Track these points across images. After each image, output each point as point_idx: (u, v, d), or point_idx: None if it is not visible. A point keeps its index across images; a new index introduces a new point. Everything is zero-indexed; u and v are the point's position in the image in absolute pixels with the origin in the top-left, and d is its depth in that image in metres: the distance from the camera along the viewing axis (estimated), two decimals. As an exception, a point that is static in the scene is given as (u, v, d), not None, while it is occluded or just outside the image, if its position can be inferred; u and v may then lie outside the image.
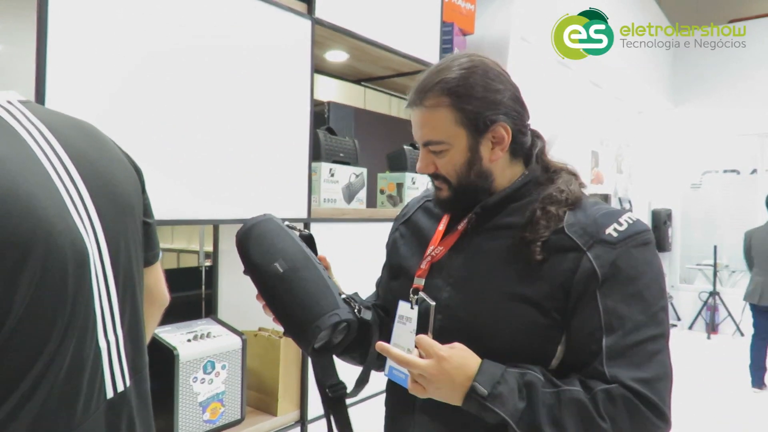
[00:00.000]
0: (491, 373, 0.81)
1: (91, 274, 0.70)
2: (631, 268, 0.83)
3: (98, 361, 0.71)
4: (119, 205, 0.78)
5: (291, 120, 1.73)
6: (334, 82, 2.69)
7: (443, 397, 0.83)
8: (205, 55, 1.47)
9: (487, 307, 0.89)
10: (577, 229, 0.86)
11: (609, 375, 0.79)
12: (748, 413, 3.76)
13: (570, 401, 0.79)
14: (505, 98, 0.91)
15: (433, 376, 0.81)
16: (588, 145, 4.97)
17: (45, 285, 0.63)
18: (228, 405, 1.56)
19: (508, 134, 0.91)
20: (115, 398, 0.74)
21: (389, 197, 2.28)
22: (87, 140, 0.79)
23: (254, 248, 0.96)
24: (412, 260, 1.02)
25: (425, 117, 0.92)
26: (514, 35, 3.18)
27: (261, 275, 0.95)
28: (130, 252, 0.80)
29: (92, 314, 0.70)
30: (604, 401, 0.78)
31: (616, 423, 0.77)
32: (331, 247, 1.86)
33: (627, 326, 0.81)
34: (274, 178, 1.68)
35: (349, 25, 1.91)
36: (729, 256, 6.47)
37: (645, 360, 0.80)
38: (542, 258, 0.85)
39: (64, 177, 0.70)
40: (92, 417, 0.69)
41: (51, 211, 0.65)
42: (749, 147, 6.28)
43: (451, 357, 0.81)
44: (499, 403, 0.79)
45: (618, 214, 0.88)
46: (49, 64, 1.14)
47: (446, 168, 0.93)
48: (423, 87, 0.92)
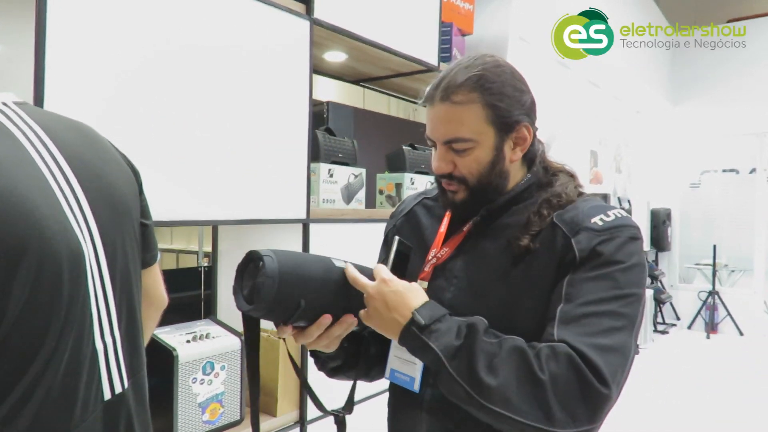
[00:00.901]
0: (433, 309, 0.81)
1: (87, 276, 0.70)
2: (610, 255, 0.81)
3: (95, 363, 0.71)
4: (116, 207, 0.78)
5: (290, 120, 1.73)
6: (333, 83, 2.69)
7: (380, 324, 0.83)
8: (204, 57, 1.47)
9: (491, 305, 0.90)
10: (566, 219, 0.87)
11: (557, 337, 0.76)
12: (747, 413, 3.76)
13: (511, 350, 0.76)
14: (528, 100, 0.92)
15: (371, 296, 0.82)
16: (587, 144, 4.97)
17: (40, 287, 0.63)
18: (227, 406, 1.56)
19: (530, 135, 0.92)
20: (113, 400, 0.74)
21: (388, 197, 2.28)
22: (83, 142, 0.79)
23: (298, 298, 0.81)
24: (413, 260, 1.02)
25: (452, 113, 0.89)
26: (513, 35, 3.18)
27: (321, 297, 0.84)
28: (127, 254, 0.80)
29: (89, 316, 0.70)
30: (547, 356, 0.74)
31: (557, 379, 0.72)
32: (329, 247, 1.87)
33: (587, 298, 0.78)
34: (273, 179, 1.68)
35: (347, 25, 1.91)
36: (728, 256, 6.47)
37: (599, 331, 0.76)
38: (527, 245, 0.87)
39: (60, 179, 0.70)
40: (90, 419, 0.70)
41: (46, 213, 0.65)
42: (748, 146, 6.28)
43: (392, 281, 0.83)
44: (434, 337, 0.78)
45: (607, 209, 0.88)
46: (48, 65, 1.14)
47: (469, 167, 0.91)
48: (450, 83, 0.89)
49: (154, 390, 0.94)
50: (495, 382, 0.73)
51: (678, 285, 6.53)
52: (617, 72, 4.77)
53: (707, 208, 6.76)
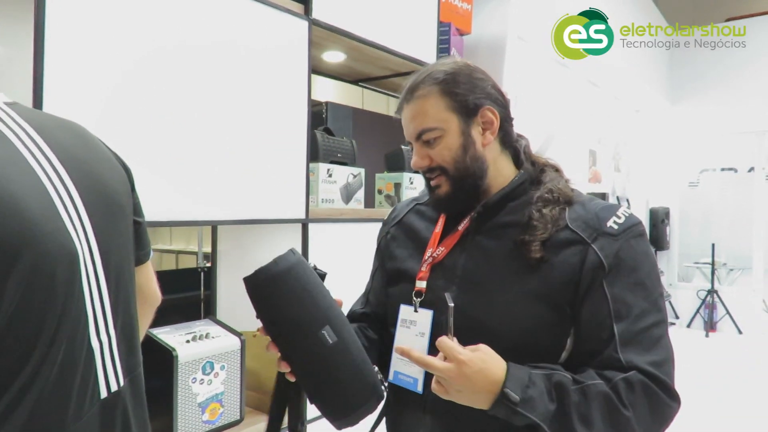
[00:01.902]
0: (519, 378, 0.80)
1: (81, 275, 0.70)
2: (632, 259, 0.87)
3: (91, 361, 0.71)
4: (109, 205, 0.78)
5: (288, 120, 1.73)
6: (332, 83, 2.69)
7: (466, 401, 0.82)
8: (203, 57, 1.47)
9: (497, 305, 0.90)
10: (580, 223, 0.90)
11: (624, 361, 0.82)
12: (746, 411, 3.77)
13: (596, 396, 0.80)
14: (488, 86, 0.97)
15: (453, 380, 0.80)
16: (586, 143, 4.97)
17: (34, 287, 0.63)
18: (227, 405, 1.56)
19: (496, 117, 0.96)
20: (109, 398, 0.74)
21: (387, 197, 2.28)
22: (75, 140, 0.79)
23: (292, 304, 0.84)
24: (410, 263, 1.02)
25: (416, 108, 0.96)
26: (511, 35, 3.18)
27: (298, 338, 0.85)
28: (122, 251, 0.80)
29: (84, 315, 0.70)
30: (625, 390, 0.80)
31: (637, 409, 0.80)
32: (329, 247, 1.87)
33: (634, 313, 0.85)
34: (272, 179, 1.68)
35: (346, 25, 1.91)
36: (727, 254, 6.48)
37: (653, 344, 0.84)
38: (541, 256, 0.88)
39: (53, 178, 0.70)
40: (86, 417, 0.70)
41: (40, 213, 0.65)
42: (747, 145, 6.28)
43: (471, 361, 0.80)
44: (530, 407, 0.78)
45: (615, 208, 0.92)
46: (46, 65, 1.14)
47: (442, 155, 0.95)
48: (412, 86, 0.98)
49: (154, 390, 0.94)
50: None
51: (677, 284, 6.54)
52: (616, 71, 4.77)
53: (706, 207, 6.77)
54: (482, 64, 1.02)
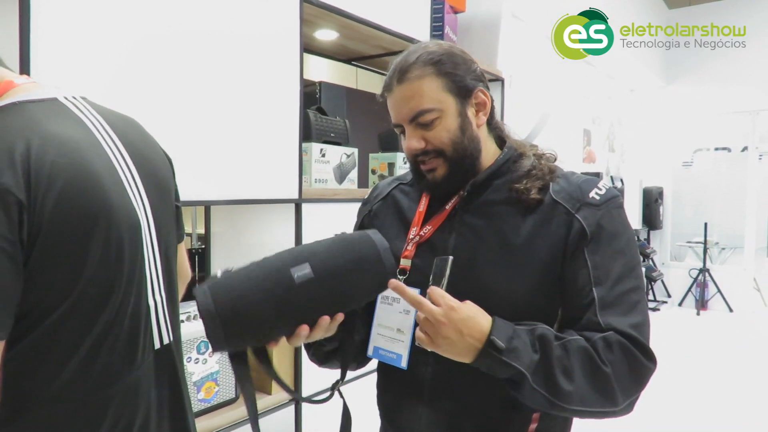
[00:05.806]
0: (504, 329, 0.83)
1: (143, 242, 0.83)
2: (612, 228, 0.91)
3: (149, 316, 0.85)
4: (161, 188, 0.91)
5: (281, 100, 1.72)
6: (326, 62, 2.67)
7: (450, 350, 0.83)
8: (194, 37, 1.45)
9: (490, 281, 0.91)
10: (564, 195, 0.93)
11: (603, 323, 0.85)
12: (737, 389, 3.83)
13: (576, 350, 0.83)
14: (477, 68, 0.98)
15: (440, 323, 0.81)
16: (580, 123, 4.96)
17: (108, 249, 0.76)
18: (222, 384, 1.57)
19: (488, 99, 0.97)
20: (161, 349, 0.87)
21: (381, 177, 2.28)
22: (133, 131, 0.92)
23: (255, 308, 0.82)
24: (396, 242, 1.01)
25: (411, 89, 0.93)
26: (506, 12, 3.15)
27: (292, 308, 0.83)
28: (169, 228, 0.93)
29: (144, 276, 0.84)
30: (604, 348, 0.83)
31: (616, 366, 0.83)
32: (322, 227, 1.87)
33: (613, 278, 0.88)
34: (265, 159, 1.67)
35: (337, 2, 1.89)
36: (719, 234, 6.53)
37: (631, 308, 0.87)
38: (540, 198, 0.92)
39: (120, 161, 0.83)
40: (146, 362, 0.83)
41: (113, 188, 0.79)
42: (740, 125, 6.29)
43: (460, 308, 0.82)
44: (515, 356, 0.81)
45: (596, 181, 0.95)
46: (32, 50, 1.12)
47: (440, 137, 0.93)
48: (402, 66, 0.94)
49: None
50: (572, 387, 0.81)
51: (669, 263, 6.59)
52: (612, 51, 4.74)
53: (699, 186, 6.80)
54: (477, 42, 1.02)
